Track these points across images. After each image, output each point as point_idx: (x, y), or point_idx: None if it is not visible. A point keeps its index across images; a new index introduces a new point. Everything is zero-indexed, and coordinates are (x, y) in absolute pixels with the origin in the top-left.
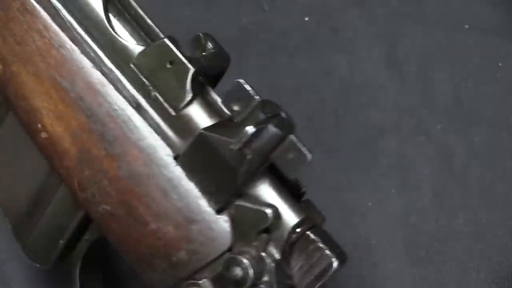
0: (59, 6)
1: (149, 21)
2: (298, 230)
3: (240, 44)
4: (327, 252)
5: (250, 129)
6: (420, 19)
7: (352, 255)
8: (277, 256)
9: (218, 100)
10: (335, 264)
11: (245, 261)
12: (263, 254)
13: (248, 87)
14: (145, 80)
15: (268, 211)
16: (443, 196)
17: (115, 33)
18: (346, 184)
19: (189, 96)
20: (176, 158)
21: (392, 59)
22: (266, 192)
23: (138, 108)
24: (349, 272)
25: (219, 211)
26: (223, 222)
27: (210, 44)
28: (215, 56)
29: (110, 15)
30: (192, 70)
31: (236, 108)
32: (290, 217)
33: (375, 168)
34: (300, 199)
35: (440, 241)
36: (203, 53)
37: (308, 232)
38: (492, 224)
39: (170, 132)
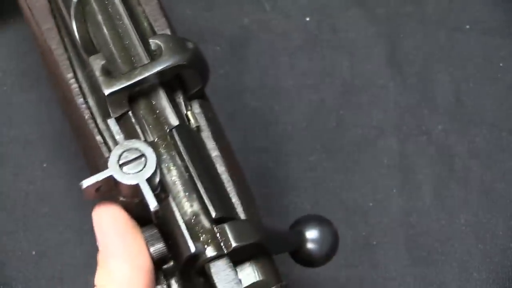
0: None
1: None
2: (198, 261)
3: (241, 44)
4: None
5: (84, 182)
6: (420, 19)
7: (353, 255)
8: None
9: (166, 107)
10: None
11: None
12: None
13: (114, 127)
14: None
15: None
16: (444, 196)
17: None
18: (347, 184)
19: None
20: None
21: (392, 59)
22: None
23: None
24: (350, 273)
25: None
26: None
27: (159, 44)
28: (167, 56)
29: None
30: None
31: None
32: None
33: (376, 168)
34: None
35: (441, 241)
36: (159, 58)
37: (208, 264)
38: (493, 224)
39: None
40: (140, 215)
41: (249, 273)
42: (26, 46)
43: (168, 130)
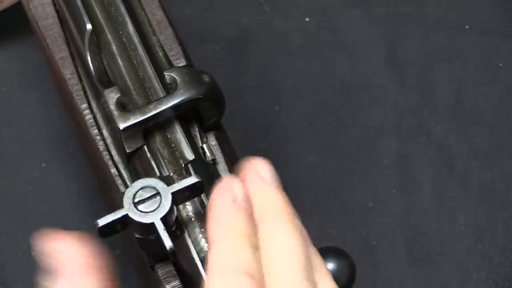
0: None
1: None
2: None
3: (240, 45)
4: None
5: (99, 221)
6: (420, 19)
7: (352, 255)
8: None
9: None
10: None
11: None
12: None
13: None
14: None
15: None
16: (444, 196)
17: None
18: (347, 185)
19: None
20: None
21: (392, 59)
22: None
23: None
24: None
25: None
26: None
27: (174, 78)
28: (182, 89)
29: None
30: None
31: None
32: None
33: (375, 168)
34: None
35: (440, 241)
36: (174, 92)
37: None
38: (492, 224)
39: None
40: (156, 251)
41: None
42: (26, 46)
43: (183, 165)
